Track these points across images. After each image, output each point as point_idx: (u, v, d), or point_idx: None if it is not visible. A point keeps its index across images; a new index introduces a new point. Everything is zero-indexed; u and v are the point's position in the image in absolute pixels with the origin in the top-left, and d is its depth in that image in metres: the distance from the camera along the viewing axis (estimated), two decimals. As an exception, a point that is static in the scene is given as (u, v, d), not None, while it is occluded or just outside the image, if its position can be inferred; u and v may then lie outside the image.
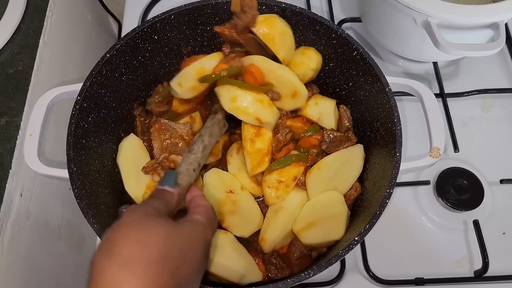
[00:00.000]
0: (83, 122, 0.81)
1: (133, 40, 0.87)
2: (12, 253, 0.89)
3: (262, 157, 0.86)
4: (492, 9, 0.91)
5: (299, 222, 0.84)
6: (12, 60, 1.00)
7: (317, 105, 0.91)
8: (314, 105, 0.91)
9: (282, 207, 0.85)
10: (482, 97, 1.12)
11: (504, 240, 0.97)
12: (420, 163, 0.81)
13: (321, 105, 0.91)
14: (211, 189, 0.85)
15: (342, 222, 0.82)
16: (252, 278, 0.78)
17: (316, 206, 0.85)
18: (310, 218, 0.83)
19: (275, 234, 0.83)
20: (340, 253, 0.70)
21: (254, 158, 0.86)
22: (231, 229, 0.83)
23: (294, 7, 0.89)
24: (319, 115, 0.90)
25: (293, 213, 0.85)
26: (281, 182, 0.85)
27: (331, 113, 0.91)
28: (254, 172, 0.86)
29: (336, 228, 0.82)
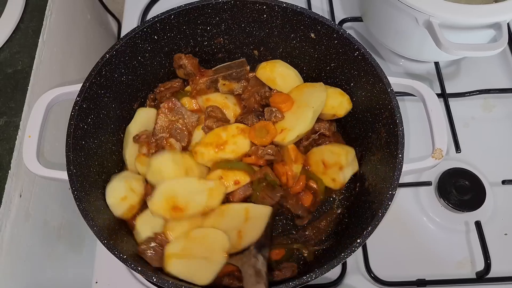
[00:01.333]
0: (82, 123, 0.80)
1: (132, 40, 0.87)
2: (11, 253, 0.89)
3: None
4: (494, 9, 0.90)
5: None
6: (11, 59, 0.99)
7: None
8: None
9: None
10: (483, 97, 1.12)
11: (506, 241, 0.97)
12: (422, 165, 0.80)
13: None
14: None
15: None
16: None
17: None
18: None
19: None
20: (342, 256, 0.70)
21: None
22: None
23: (295, 7, 0.88)
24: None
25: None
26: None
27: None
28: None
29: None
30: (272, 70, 0.95)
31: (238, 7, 0.90)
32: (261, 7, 0.90)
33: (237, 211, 0.84)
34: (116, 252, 0.71)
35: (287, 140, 0.88)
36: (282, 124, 0.90)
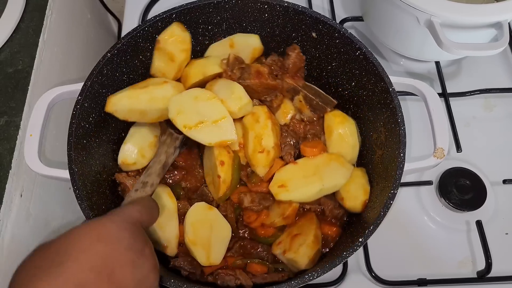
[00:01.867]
0: (84, 122, 0.80)
1: (134, 39, 0.87)
2: (12, 254, 0.89)
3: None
4: (496, 8, 0.90)
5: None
6: (11, 59, 0.99)
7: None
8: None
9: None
10: (484, 96, 1.11)
11: (507, 240, 0.97)
12: (424, 164, 0.80)
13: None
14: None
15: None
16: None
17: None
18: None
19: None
20: (344, 255, 0.70)
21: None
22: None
23: (296, 6, 0.88)
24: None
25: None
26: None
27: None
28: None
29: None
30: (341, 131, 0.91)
31: (239, 6, 0.90)
32: (262, 6, 0.90)
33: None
34: (117, 251, 0.70)
35: (280, 198, 0.85)
36: (284, 178, 0.86)
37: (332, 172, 0.85)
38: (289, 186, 0.84)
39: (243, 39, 0.94)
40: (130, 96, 0.84)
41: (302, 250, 0.79)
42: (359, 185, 0.86)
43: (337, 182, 0.84)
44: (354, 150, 0.90)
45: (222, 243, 0.83)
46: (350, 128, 0.90)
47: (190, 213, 0.82)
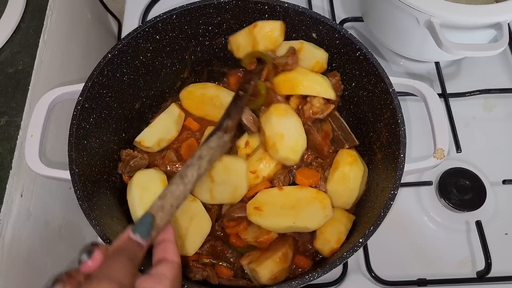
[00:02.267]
0: (84, 123, 0.80)
1: (134, 40, 0.87)
2: (12, 253, 0.89)
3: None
4: (495, 9, 0.90)
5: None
6: (12, 59, 0.99)
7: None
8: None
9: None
10: (484, 97, 1.12)
11: (506, 240, 0.97)
12: (424, 164, 0.81)
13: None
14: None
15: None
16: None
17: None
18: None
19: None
20: (344, 255, 0.70)
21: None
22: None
23: (297, 7, 0.88)
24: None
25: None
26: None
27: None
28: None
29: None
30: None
31: (240, 7, 0.90)
32: (262, 7, 0.90)
33: None
34: (118, 251, 0.70)
35: (251, 219, 0.84)
36: (262, 201, 0.84)
37: (309, 212, 0.82)
38: (264, 210, 0.82)
39: (312, 49, 0.92)
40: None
41: (266, 263, 0.78)
42: (336, 231, 0.82)
43: (309, 225, 0.82)
44: (351, 194, 0.86)
45: (199, 236, 0.82)
46: (357, 172, 0.86)
47: None
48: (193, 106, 0.99)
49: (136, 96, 0.93)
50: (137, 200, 0.83)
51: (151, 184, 0.85)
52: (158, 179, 0.86)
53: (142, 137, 0.92)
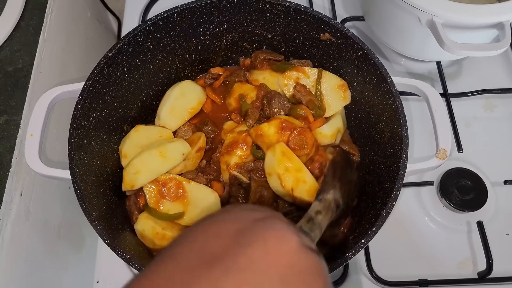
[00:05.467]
0: (84, 122, 0.80)
1: (135, 39, 0.86)
2: (12, 253, 0.88)
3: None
4: (498, 8, 0.90)
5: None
6: (11, 57, 0.99)
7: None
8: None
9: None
10: (485, 97, 1.11)
11: (507, 241, 0.97)
12: (426, 165, 0.80)
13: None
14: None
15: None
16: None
17: None
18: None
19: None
20: (346, 256, 0.70)
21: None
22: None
23: (298, 6, 0.88)
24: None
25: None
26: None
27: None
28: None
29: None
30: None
31: (241, 5, 0.90)
32: (264, 6, 0.89)
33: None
34: (119, 251, 0.70)
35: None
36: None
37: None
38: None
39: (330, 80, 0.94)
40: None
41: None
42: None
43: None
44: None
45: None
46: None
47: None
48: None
49: (137, 95, 0.93)
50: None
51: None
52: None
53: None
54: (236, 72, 0.98)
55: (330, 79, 0.92)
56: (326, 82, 0.92)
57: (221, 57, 1.01)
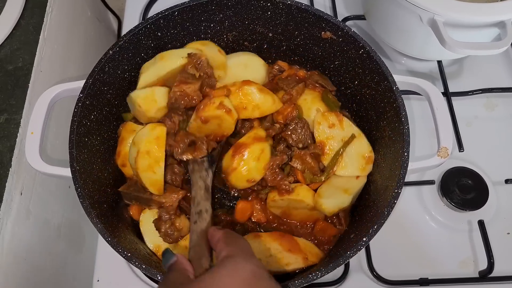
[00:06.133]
0: (85, 120, 0.80)
1: (136, 37, 0.86)
2: (12, 252, 0.88)
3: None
4: (499, 7, 0.90)
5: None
6: (11, 56, 0.98)
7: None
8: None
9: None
10: (486, 96, 1.11)
11: (508, 240, 0.97)
12: (428, 163, 0.80)
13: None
14: None
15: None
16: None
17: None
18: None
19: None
20: (348, 254, 0.70)
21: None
22: None
23: (300, 4, 0.88)
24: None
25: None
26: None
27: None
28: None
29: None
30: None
31: (242, 4, 0.90)
32: (265, 4, 0.89)
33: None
34: (120, 250, 0.70)
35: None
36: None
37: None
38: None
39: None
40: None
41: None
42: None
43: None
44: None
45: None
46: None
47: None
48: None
49: (137, 94, 0.92)
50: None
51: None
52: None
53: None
54: (290, 80, 0.96)
55: (361, 144, 0.87)
56: (357, 144, 0.88)
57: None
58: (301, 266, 0.80)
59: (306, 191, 0.85)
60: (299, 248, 0.81)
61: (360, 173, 0.87)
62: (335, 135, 0.88)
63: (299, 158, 0.87)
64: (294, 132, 0.88)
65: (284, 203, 0.85)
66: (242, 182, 0.85)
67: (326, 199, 0.83)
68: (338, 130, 0.88)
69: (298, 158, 0.87)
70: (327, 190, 0.85)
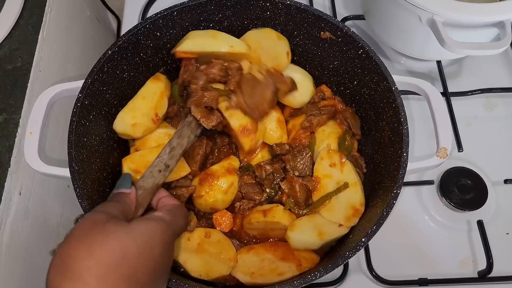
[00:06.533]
0: (84, 120, 0.80)
1: (135, 37, 0.86)
2: (11, 252, 0.88)
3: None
4: (499, 7, 0.90)
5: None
6: (10, 56, 0.98)
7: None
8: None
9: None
10: (485, 96, 1.11)
11: (508, 240, 0.97)
12: (427, 163, 0.80)
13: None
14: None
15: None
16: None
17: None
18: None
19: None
20: (347, 255, 0.70)
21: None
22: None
23: (299, 4, 0.88)
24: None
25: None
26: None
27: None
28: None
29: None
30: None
31: (241, 4, 0.90)
32: (264, 4, 0.89)
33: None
34: (119, 250, 0.70)
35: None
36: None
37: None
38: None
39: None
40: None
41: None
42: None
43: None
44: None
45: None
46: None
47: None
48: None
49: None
50: None
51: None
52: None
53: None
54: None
55: (355, 194, 0.83)
56: (351, 192, 0.83)
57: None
58: (296, 274, 0.78)
59: (283, 212, 0.84)
60: (292, 254, 0.81)
61: (344, 222, 0.82)
62: (333, 176, 0.85)
63: (289, 183, 0.86)
64: (294, 159, 0.87)
65: (261, 225, 0.84)
66: (206, 208, 0.86)
67: (296, 234, 0.81)
68: (338, 172, 0.85)
69: (288, 182, 0.86)
70: (303, 225, 0.82)
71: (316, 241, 0.80)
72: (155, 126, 0.88)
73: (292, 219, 0.84)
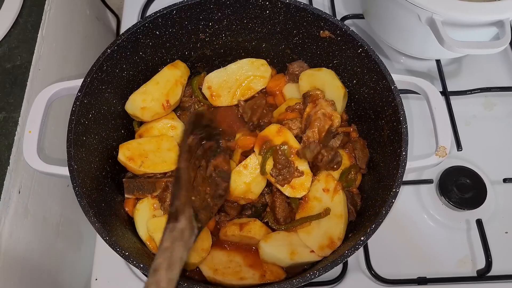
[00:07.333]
0: (83, 119, 0.79)
1: (134, 36, 0.86)
2: (10, 250, 0.88)
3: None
4: (497, 6, 0.90)
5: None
6: (10, 54, 0.98)
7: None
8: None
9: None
10: (484, 95, 1.11)
11: (506, 239, 0.97)
12: (426, 162, 0.80)
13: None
14: None
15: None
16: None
17: None
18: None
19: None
20: (346, 253, 0.70)
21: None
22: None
23: (298, 3, 0.88)
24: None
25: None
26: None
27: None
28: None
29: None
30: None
31: (240, 2, 0.90)
32: (263, 3, 0.89)
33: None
34: (118, 249, 0.70)
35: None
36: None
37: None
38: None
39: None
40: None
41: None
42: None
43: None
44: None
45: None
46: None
47: None
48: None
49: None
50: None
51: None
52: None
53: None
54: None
55: (336, 226, 0.81)
56: (333, 223, 0.82)
57: (221, 54, 1.00)
58: (256, 283, 0.78)
59: (259, 228, 0.83)
60: (260, 264, 0.81)
61: (316, 250, 0.80)
62: (322, 201, 0.84)
63: (272, 197, 0.86)
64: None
65: (236, 239, 0.84)
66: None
67: (267, 246, 0.81)
68: (328, 199, 0.84)
69: (271, 196, 0.86)
70: (277, 240, 0.82)
71: (286, 259, 0.79)
72: (165, 112, 0.90)
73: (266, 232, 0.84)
